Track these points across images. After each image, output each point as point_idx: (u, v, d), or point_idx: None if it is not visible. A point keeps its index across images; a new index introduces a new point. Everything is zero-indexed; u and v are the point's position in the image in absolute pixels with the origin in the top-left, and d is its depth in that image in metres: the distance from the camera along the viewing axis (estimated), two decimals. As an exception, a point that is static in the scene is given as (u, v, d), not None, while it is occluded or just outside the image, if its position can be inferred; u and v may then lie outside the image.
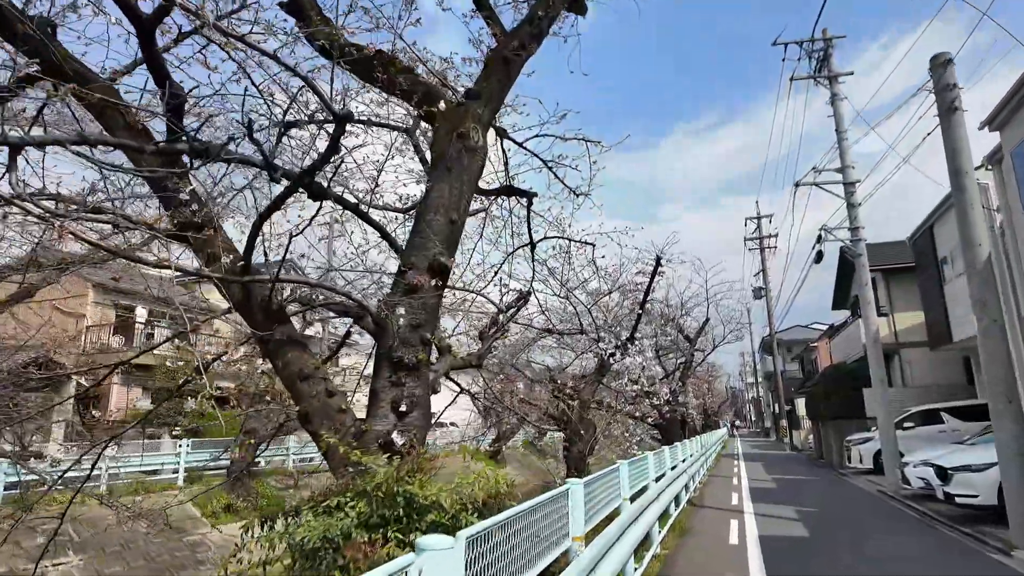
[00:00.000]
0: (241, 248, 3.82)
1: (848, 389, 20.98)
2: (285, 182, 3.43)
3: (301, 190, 3.57)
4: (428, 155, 4.95)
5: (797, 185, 16.07)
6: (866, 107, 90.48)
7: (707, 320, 21.16)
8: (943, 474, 9.88)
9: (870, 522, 9.99)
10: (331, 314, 5.20)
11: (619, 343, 8.93)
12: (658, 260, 9.27)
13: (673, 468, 10.98)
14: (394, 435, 3.60)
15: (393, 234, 5.50)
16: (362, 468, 3.06)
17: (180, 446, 16.18)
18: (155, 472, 16.74)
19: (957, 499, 9.49)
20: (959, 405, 17.15)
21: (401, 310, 3.70)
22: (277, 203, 3.59)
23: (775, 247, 35.27)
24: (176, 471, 16.33)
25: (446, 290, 6.20)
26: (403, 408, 3.67)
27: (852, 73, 16.29)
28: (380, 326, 3.84)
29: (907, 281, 22.02)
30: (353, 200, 5.17)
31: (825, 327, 43.24)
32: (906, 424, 16.98)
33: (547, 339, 13.91)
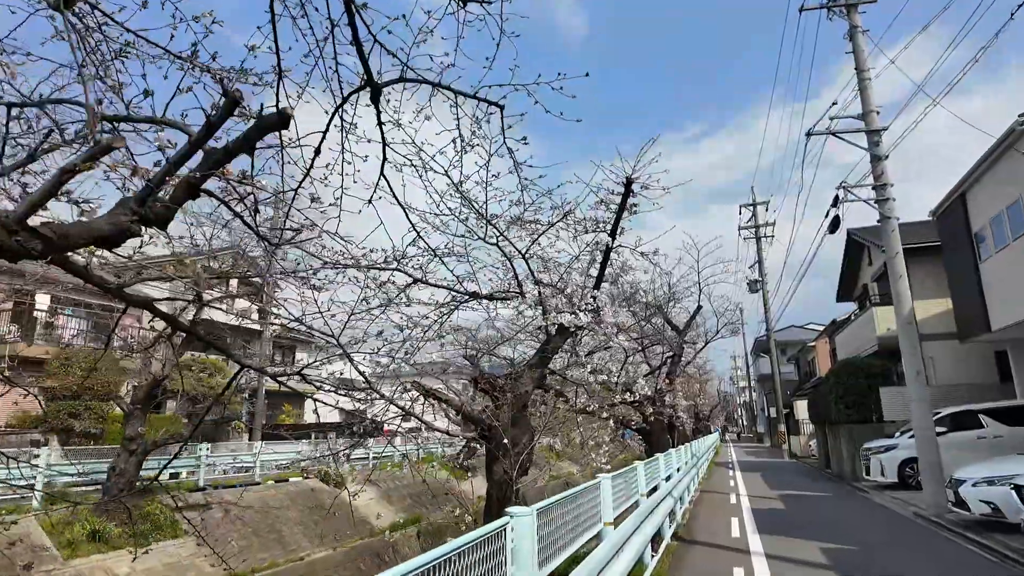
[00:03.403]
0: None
1: (862, 387, 18.02)
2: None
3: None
4: None
5: (809, 135, 13.09)
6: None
7: (699, 308, 18.11)
8: (1043, 502, 6.84)
9: (941, 573, 6.92)
10: None
11: (573, 303, 5.82)
12: (628, 184, 6.18)
13: (653, 491, 7.87)
14: None
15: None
16: None
17: (37, 455, 12.84)
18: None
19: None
20: (1002, 406, 14.21)
21: None
22: None
23: (772, 236, 32.36)
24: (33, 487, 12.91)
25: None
26: None
27: (876, 0, 13.34)
28: None
29: (928, 264, 19.12)
30: None
31: (821, 328, 40.49)
32: (936, 429, 13.99)
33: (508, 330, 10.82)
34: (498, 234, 6.27)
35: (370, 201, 3.69)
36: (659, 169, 6.14)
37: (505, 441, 5.62)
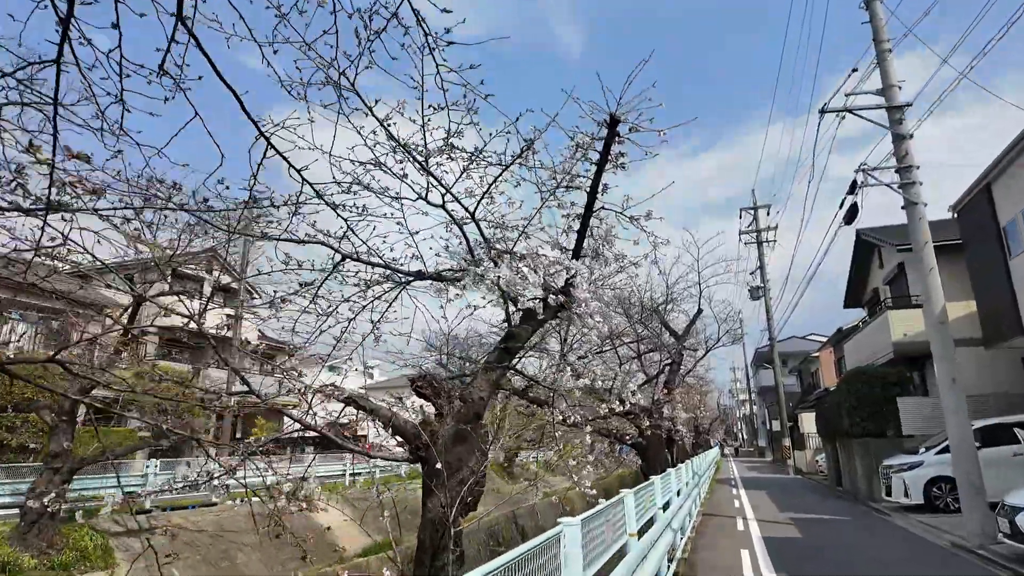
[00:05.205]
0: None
1: (877, 397, 16.47)
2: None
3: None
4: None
5: (823, 112, 11.67)
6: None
7: (699, 311, 16.61)
8: None
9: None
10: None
11: (530, 267, 4.32)
12: (613, 125, 4.70)
13: (645, 528, 6.31)
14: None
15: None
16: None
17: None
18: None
19: None
20: (1041, 418, 12.69)
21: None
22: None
23: (774, 240, 30.93)
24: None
25: None
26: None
27: (894, -35, 11.99)
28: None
29: (947, 264, 17.61)
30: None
31: (823, 339, 38.89)
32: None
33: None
34: (443, 191, 4.79)
35: (161, 69, 2.19)
36: (653, 105, 4.65)
37: (439, 466, 4.06)
